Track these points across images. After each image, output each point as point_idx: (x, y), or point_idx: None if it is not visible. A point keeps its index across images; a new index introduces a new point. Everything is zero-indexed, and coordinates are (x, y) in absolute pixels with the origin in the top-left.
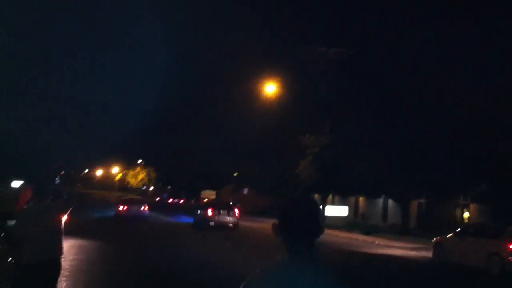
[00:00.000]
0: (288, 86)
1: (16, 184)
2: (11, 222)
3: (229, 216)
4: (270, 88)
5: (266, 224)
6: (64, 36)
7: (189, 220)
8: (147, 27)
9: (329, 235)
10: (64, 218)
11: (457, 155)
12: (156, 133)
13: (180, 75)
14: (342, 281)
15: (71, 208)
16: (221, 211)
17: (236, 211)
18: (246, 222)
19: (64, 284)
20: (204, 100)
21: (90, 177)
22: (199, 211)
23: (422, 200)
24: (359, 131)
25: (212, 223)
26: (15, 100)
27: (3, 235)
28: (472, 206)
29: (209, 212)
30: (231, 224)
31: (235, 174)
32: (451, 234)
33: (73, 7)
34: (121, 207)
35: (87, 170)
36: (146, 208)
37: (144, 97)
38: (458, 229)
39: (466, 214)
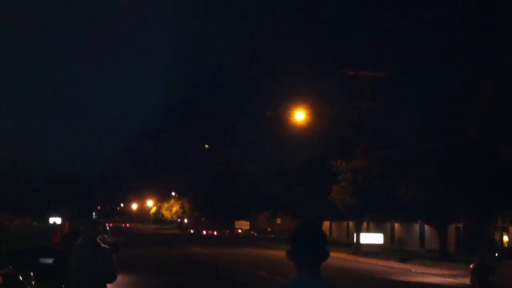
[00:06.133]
0: (318, 112)
1: (54, 220)
2: (44, 260)
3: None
4: (299, 115)
5: None
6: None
7: None
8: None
9: (365, 263)
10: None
11: (495, 176)
12: (188, 164)
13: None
14: None
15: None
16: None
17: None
18: (277, 251)
19: None
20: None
21: (126, 211)
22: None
23: (460, 224)
24: (394, 152)
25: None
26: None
27: (32, 274)
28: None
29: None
30: None
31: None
32: None
33: (79, 9)
34: (128, 224)
35: (122, 204)
36: (129, 224)
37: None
38: (496, 253)
39: (505, 238)
